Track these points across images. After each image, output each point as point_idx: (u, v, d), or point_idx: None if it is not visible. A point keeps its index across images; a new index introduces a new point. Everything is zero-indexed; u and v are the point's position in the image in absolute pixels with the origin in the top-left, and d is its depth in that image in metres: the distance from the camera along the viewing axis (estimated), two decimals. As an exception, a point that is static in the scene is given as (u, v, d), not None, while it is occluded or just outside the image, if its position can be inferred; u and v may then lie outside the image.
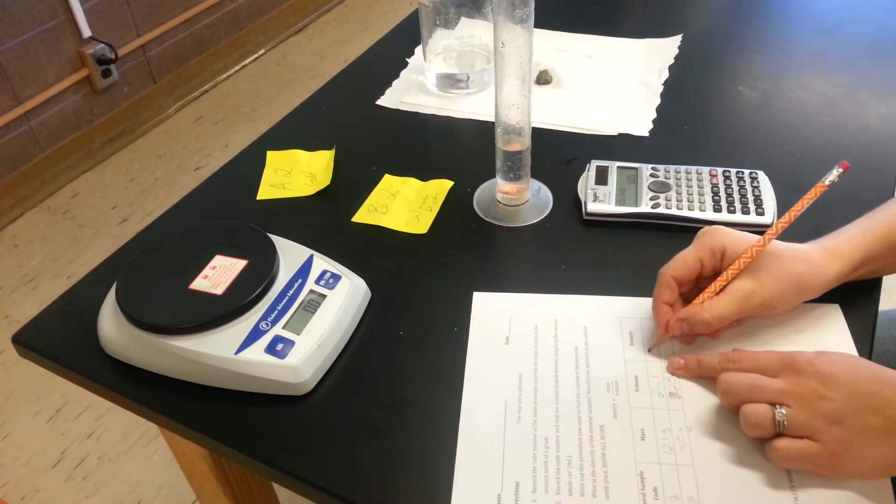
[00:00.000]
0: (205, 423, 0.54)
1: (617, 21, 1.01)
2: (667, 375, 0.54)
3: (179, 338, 0.55)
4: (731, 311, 0.54)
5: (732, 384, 0.50)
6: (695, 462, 0.49)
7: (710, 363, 0.53)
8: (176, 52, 2.29)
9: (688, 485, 0.48)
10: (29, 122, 1.94)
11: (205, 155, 2.13)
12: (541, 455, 0.50)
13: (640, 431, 0.51)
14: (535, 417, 0.52)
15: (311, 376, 0.54)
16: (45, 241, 1.88)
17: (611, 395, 0.53)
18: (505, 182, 0.69)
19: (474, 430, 0.52)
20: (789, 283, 0.54)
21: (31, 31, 1.87)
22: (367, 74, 0.94)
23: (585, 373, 0.55)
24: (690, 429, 0.51)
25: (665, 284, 0.56)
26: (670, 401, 0.53)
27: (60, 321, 0.63)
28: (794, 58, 0.90)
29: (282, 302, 0.58)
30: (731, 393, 0.50)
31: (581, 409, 0.53)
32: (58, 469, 1.38)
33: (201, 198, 0.76)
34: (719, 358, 0.53)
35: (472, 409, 0.53)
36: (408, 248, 0.67)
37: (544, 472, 0.49)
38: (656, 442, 0.50)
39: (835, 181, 0.55)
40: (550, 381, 0.55)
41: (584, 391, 0.54)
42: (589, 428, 0.51)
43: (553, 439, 0.51)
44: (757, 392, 0.49)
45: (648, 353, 0.56)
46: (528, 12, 0.57)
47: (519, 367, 0.56)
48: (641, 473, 0.49)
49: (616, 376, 0.55)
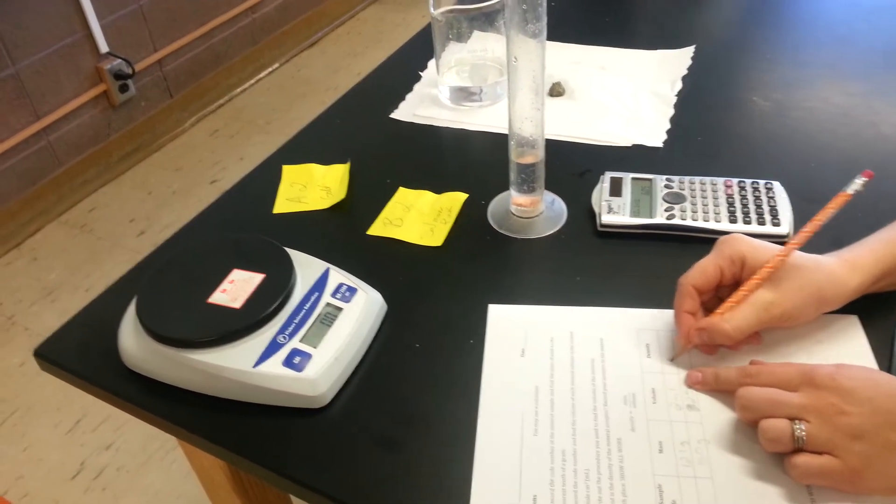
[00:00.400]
0: (223, 436, 0.55)
1: (629, 33, 1.01)
2: (684, 388, 0.54)
3: (198, 351, 0.56)
4: (751, 323, 0.53)
5: (751, 399, 0.50)
6: (713, 475, 0.49)
7: (728, 377, 0.53)
8: (192, 66, 2.32)
9: (706, 498, 0.47)
10: (48, 137, 1.97)
11: (221, 168, 2.16)
12: (558, 468, 0.50)
13: (657, 444, 0.51)
14: (552, 430, 0.52)
15: (328, 389, 0.55)
16: (64, 254, 1.90)
17: (628, 408, 0.53)
18: (519, 194, 0.69)
19: (491, 442, 0.52)
20: (809, 294, 0.54)
21: (49, 48, 1.90)
22: (380, 88, 0.95)
23: (602, 385, 0.55)
24: (709, 441, 0.51)
25: (686, 293, 0.56)
26: (688, 413, 0.53)
27: (81, 335, 0.64)
28: (808, 67, 0.90)
29: (299, 315, 0.58)
30: (749, 408, 0.50)
31: (598, 422, 0.53)
32: (77, 480, 1.39)
33: (218, 212, 0.77)
34: (737, 372, 0.53)
35: (489, 422, 0.53)
36: (423, 260, 0.68)
37: (562, 486, 0.49)
38: (674, 454, 0.50)
39: (858, 190, 0.55)
40: (567, 394, 0.55)
41: (600, 403, 0.54)
42: (606, 441, 0.51)
43: (570, 452, 0.51)
44: (776, 407, 0.48)
45: (670, 362, 0.56)
46: (540, 27, 0.58)
47: (535, 379, 0.56)
48: (660, 486, 0.48)
49: (633, 388, 0.55)
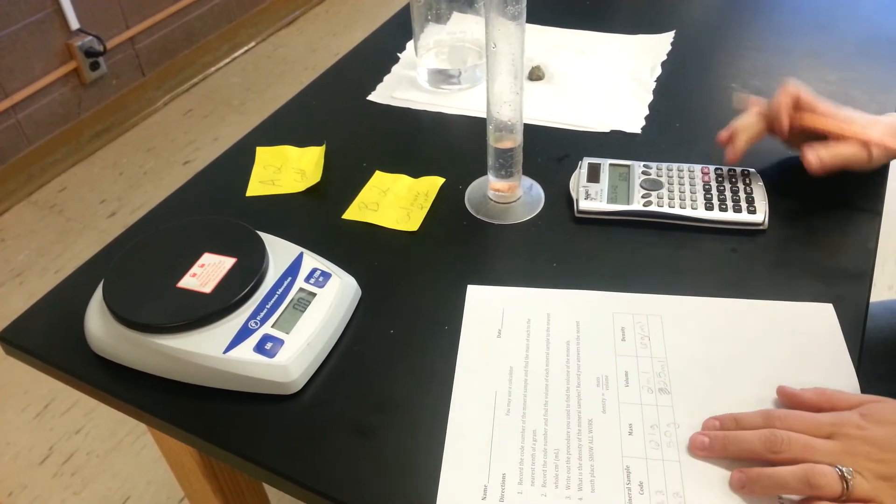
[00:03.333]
0: (193, 423, 0.54)
1: (610, 17, 1.01)
2: (656, 371, 0.54)
3: (167, 336, 0.54)
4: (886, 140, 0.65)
5: (791, 442, 0.47)
6: (681, 458, 0.49)
7: (753, 421, 0.49)
8: (165, 44, 2.27)
9: (673, 480, 0.48)
10: (16, 116, 1.92)
11: (194, 149, 2.12)
12: (528, 448, 0.50)
13: (628, 426, 0.51)
14: (524, 410, 0.52)
15: (300, 375, 0.54)
16: (33, 235, 1.86)
17: (600, 390, 0.53)
18: (496, 179, 0.69)
19: (463, 421, 0.52)
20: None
21: (17, 24, 1.85)
22: (357, 69, 0.93)
23: (576, 367, 0.55)
24: (678, 425, 0.51)
25: (786, 91, 0.67)
26: (659, 397, 0.53)
27: (47, 319, 0.62)
28: (788, 55, 0.90)
29: (271, 300, 0.57)
30: (781, 450, 0.47)
31: (570, 403, 0.53)
32: (46, 465, 1.37)
33: (190, 194, 0.75)
34: (762, 416, 0.49)
35: (462, 401, 0.53)
36: (398, 245, 0.67)
37: (531, 465, 0.49)
38: (644, 437, 0.50)
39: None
40: (541, 375, 0.55)
41: (573, 385, 0.54)
42: (577, 422, 0.52)
43: (541, 432, 0.51)
44: (811, 453, 0.46)
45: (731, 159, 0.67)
46: (520, 9, 0.57)
47: (510, 359, 0.56)
48: (628, 468, 0.49)
49: (606, 371, 0.55)
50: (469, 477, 0.49)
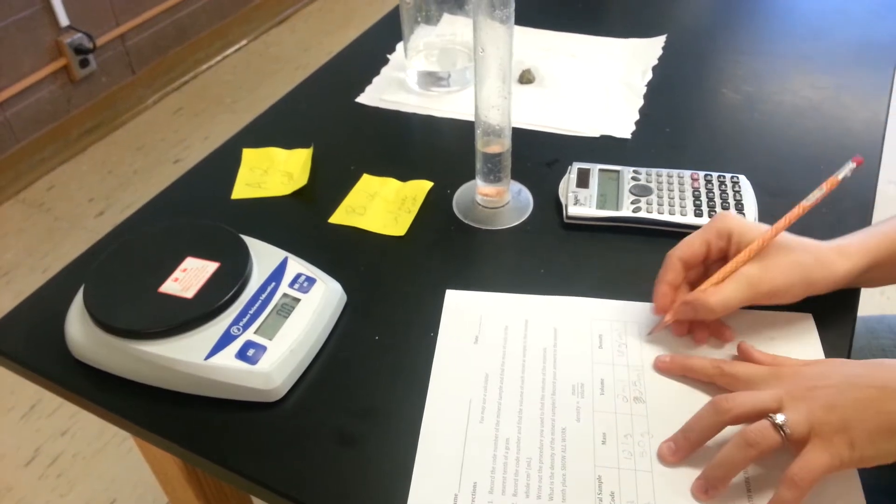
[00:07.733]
0: (174, 431, 0.53)
1: (601, 20, 1.00)
2: (632, 379, 0.54)
3: (148, 342, 0.54)
4: (737, 298, 0.53)
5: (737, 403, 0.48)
6: (653, 468, 0.49)
7: (703, 366, 0.53)
8: (156, 41, 2.26)
9: (645, 490, 0.47)
10: (4, 113, 1.90)
11: (184, 147, 2.11)
12: (501, 456, 0.50)
13: (601, 435, 0.51)
14: (498, 418, 0.52)
15: (282, 383, 0.53)
16: (20, 234, 1.85)
17: (575, 398, 0.53)
18: (485, 184, 0.68)
19: (436, 429, 0.51)
20: (797, 274, 0.54)
21: (6, 20, 1.84)
22: (347, 71, 0.92)
23: (552, 374, 0.55)
24: (652, 435, 0.50)
25: (669, 266, 0.56)
26: (634, 405, 0.52)
27: (28, 322, 0.61)
28: (779, 60, 0.89)
29: (254, 306, 0.56)
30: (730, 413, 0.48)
31: (545, 411, 0.52)
32: (31, 467, 1.36)
33: (176, 195, 0.75)
34: (711, 363, 0.53)
35: (436, 409, 0.53)
36: (385, 250, 0.66)
37: (503, 473, 0.49)
38: (617, 446, 0.50)
39: (847, 176, 0.55)
40: (516, 382, 0.54)
41: (549, 393, 0.53)
42: (551, 430, 0.51)
43: (514, 440, 0.50)
44: (756, 406, 0.47)
45: (648, 335, 0.57)
46: (508, 13, 0.56)
47: (486, 366, 0.55)
48: (600, 477, 0.48)
49: (582, 379, 0.54)
50: (440, 485, 0.48)
